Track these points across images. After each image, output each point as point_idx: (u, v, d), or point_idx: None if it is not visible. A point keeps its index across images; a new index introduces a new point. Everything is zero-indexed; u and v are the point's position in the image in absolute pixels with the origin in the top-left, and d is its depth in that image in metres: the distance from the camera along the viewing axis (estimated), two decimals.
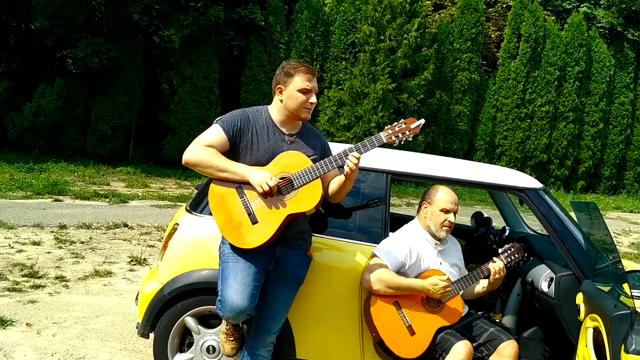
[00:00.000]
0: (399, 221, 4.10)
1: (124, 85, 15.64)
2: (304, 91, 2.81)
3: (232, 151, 2.83)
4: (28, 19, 15.87)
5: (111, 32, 15.35)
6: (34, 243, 6.61)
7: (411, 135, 2.86)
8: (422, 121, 2.89)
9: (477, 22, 18.62)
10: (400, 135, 2.83)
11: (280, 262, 2.88)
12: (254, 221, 2.73)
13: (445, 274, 3.13)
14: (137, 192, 11.71)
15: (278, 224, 2.72)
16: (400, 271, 3.10)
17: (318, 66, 17.42)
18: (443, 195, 3.21)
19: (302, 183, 2.74)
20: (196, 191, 3.88)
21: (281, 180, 2.74)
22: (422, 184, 12.53)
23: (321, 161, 2.77)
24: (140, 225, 8.30)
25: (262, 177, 2.69)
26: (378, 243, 3.20)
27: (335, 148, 3.01)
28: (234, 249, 2.79)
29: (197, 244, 3.31)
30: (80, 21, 14.53)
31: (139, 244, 7.15)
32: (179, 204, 10.66)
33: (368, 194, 3.35)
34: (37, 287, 5.06)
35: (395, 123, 2.89)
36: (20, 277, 5.28)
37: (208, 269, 3.17)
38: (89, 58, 14.13)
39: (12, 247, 6.35)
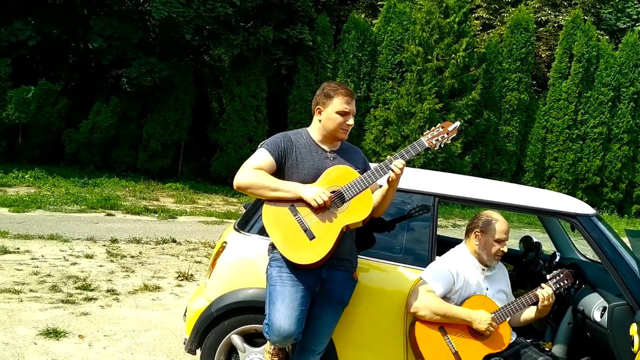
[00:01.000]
0: (445, 244, 4.07)
1: (175, 104, 16.06)
2: (342, 113, 2.90)
3: (279, 172, 2.90)
4: (87, 39, 16.55)
5: (164, 52, 15.84)
6: (87, 256, 6.83)
7: (449, 138, 2.97)
8: (458, 123, 3.01)
9: (527, 42, 18.35)
10: (440, 139, 2.94)
11: (327, 284, 2.90)
12: (312, 237, 2.77)
13: (492, 302, 3.08)
14: (185, 208, 11.96)
15: (335, 237, 2.76)
16: (446, 296, 3.07)
17: (365, 85, 17.49)
18: (498, 225, 3.15)
19: (352, 194, 2.81)
20: (244, 210, 3.95)
21: (332, 194, 2.80)
22: (470, 206, 12.35)
23: (368, 171, 2.86)
24: (188, 241, 8.47)
25: (316, 191, 2.75)
26: (424, 266, 3.17)
27: None
28: (282, 271, 2.82)
29: (244, 263, 3.37)
30: (135, 41, 15.05)
31: (186, 260, 7.29)
32: (226, 220, 10.83)
33: (415, 216, 3.34)
34: (90, 299, 5.22)
35: (433, 128, 3.00)
36: (74, 289, 5.46)
37: (255, 288, 3.21)
38: (142, 77, 14.60)
39: (66, 260, 6.58)
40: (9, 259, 6.34)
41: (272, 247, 2.93)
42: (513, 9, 21.02)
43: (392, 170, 2.82)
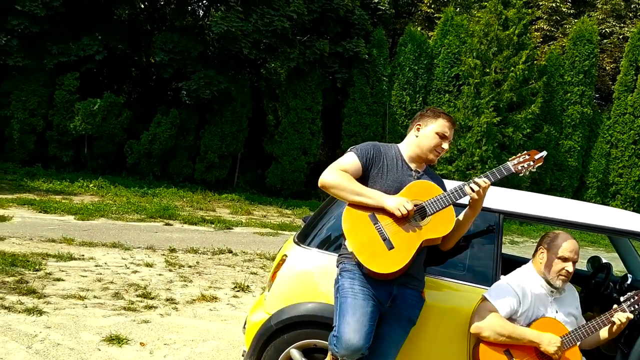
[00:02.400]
0: (510, 263, 3.95)
1: (232, 116, 16.36)
2: (441, 135, 2.93)
3: (363, 179, 2.90)
4: (149, 53, 17.12)
5: (222, 65, 16.19)
6: (147, 265, 6.99)
7: (535, 166, 2.92)
8: (545, 153, 2.97)
9: (590, 54, 17.79)
10: (526, 166, 2.90)
11: (397, 301, 2.86)
12: (390, 247, 2.74)
13: (561, 325, 2.95)
14: (240, 219, 12.11)
15: (414, 250, 2.74)
16: (511, 318, 2.96)
17: (421, 99, 17.35)
18: (563, 242, 3.02)
19: (435, 210, 2.79)
20: (302, 223, 3.95)
21: (414, 207, 2.77)
22: (534, 224, 12.00)
23: (451, 188, 2.83)
24: (244, 252, 8.55)
25: (399, 201, 2.74)
26: (489, 285, 3.08)
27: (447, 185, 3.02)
28: (354, 283, 2.79)
29: (304, 277, 3.35)
30: (195, 55, 15.45)
31: (242, 271, 7.36)
32: (280, 232, 10.90)
33: (479, 233, 3.25)
34: (150, 307, 5.33)
35: (520, 154, 2.96)
36: (135, 297, 5.59)
37: (315, 302, 3.19)
38: (201, 90, 14.96)
39: (128, 268, 6.75)
40: (75, 265, 6.56)
41: (342, 258, 2.91)
42: (575, 20, 20.46)
43: (476, 186, 2.79)
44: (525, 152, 2.95)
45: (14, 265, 6.11)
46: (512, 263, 4.01)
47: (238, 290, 6.37)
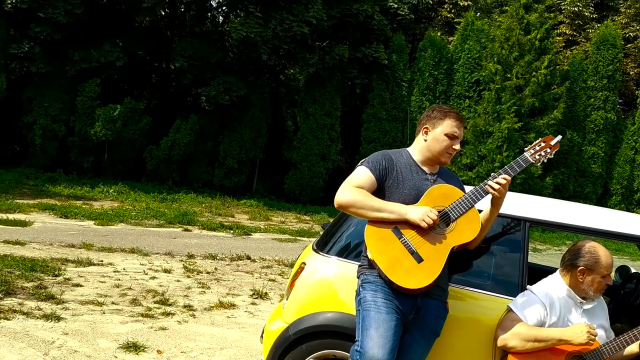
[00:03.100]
0: (535, 272, 3.83)
1: (251, 122, 16.37)
2: (451, 136, 2.82)
3: (378, 191, 2.80)
4: (169, 60, 17.22)
5: (241, 71, 16.22)
6: (165, 271, 6.97)
7: (553, 152, 2.81)
8: (560, 137, 2.86)
9: (614, 59, 17.47)
10: (543, 153, 2.80)
11: (421, 312, 2.76)
12: (419, 260, 2.67)
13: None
14: (259, 225, 12.07)
15: (444, 258, 2.67)
16: None
17: (440, 104, 17.18)
18: (606, 260, 2.86)
19: (459, 214, 2.71)
20: (321, 229, 3.88)
21: (438, 215, 2.70)
22: (553, 230, 11.78)
23: (472, 189, 2.75)
24: (262, 259, 8.50)
25: (423, 211, 2.65)
26: (514, 296, 2.97)
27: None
28: (377, 296, 2.70)
29: (323, 285, 3.27)
30: (214, 61, 15.50)
31: (260, 277, 7.30)
32: (299, 238, 10.83)
33: (504, 242, 3.14)
34: (167, 314, 5.29)
35: (535, 142, 2.85)
36: (153, 304, 5.56)
37: (334, 312, 3.11)
38: (220, 96, 14.99)
39: (146, 274, 6.73)
40: (93, 271, 6.56)
41: (363, 268, 2.83)
42: (598, 24, 20.15)
43: (497, 185, 2.70)
44: (540, 139, 2.83)
45: (34, 271, 6.13)
46: (537, 272, 3.89)
47: (256, 298, 6.31)
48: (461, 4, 20.80)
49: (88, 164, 15.53)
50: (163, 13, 17.54)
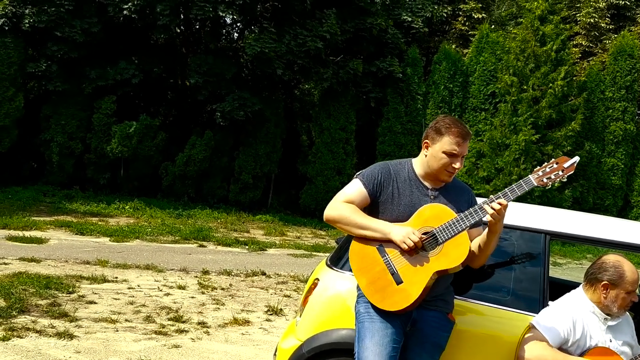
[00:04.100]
0: (557, 286, 3.72)
1: (266, 137, 16.38)
2: (449, 154, 2.66)
3: (372, 206, 2.72)
4: (184, 76, 17.34)
5: (256, 87, 16.26)
6: (180, 287, 6.92)
7: (565, 176, 2.60)
8: (577, 159, 2.64)
9: (632, 69, 17.25)
10: (553, 177, 2.59)
11: (418, 325, 2.68)
12: (399, 281, 2.58)
13: (616, 355, 2.71)
14: (274, 240, 12.00)
15: (424, 284, 2.55)
16: (561, 347, 2.73)
17: (456, 117, 17.04)
18: (631, 276, 2.74)
19: (446, 237, 2.57)
20: (335, 244, 3.80)
21: (424, 236, 2.58)
22: (574, 243, 11.55)
23: (465, 212, 2.59)
24: (277, 274, 8.42)
25: (405, 232, 2.55)
26: (535, 312, 2.86)
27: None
28: (369, 307, 2.65)
29: (337, 301, 3.19)
30: (229, 77, 15.56)
31: (275, 293, 7.22)
32: (314, 253, 10.74)
33: (523, 256, 3.04)
34: (181, 331, 5.23)
35: (546, 163, 2.65)
36: (167, 321, 5.50)
37: (348, 329, 3.02)
38: (235, 111, 15.02)
39: (160, 290, 6.69)
40: (108, 288, 6.53)
41: None
42: (615, 35, 19.95)
43: (490, 210, 2.53)
44: (554, 160, 2.63)
45: (48, 288, 6.11)
46: (558, 287, 3.78)
47: (271, 314, 6.23)
48: (475, 16, 20.73)
49: (104, 180, 15.61)
50: (178, 30, 17.69)
